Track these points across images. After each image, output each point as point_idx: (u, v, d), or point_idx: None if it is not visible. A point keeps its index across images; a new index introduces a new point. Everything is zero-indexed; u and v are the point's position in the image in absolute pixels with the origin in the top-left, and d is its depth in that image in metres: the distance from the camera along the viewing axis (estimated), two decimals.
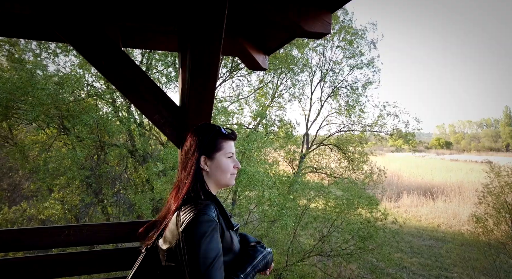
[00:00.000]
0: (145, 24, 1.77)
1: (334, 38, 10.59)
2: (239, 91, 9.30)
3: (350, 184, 9.35)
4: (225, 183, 1.25)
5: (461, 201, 18.78)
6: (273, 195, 6.93)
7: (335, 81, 10.98)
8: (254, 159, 7.35)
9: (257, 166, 7.33)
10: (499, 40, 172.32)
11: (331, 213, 8.19)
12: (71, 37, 1.47)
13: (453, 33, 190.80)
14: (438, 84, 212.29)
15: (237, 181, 6.68)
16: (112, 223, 1.91)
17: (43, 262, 1.71)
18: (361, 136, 11.45)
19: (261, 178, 6.49)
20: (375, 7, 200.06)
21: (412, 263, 10.65)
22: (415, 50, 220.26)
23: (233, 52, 2.22)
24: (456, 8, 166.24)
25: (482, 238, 7.99)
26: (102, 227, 1.85)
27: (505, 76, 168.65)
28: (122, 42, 1.77)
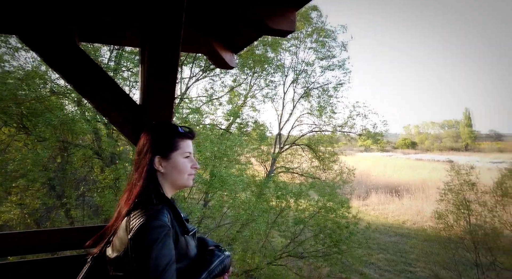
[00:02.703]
0: (104, 18, 1.67)
1: (307, 40, 10.76)
2: (212, 91, 9.20)
3: (323, 185, 9.52)
4: (182, 184, 1.18)
5: (424, 199, 19.72)
6: (247, 199, 6.92)
7: (307, 82, 11.17)
8: (227, 161, 7.28)
9: (230, 168, 7.27)
10: (492, 40, 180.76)
11: (304, 214, 8.29)
12: (20, 30, 1.36)
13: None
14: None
15: (209, 183, 6.59)
16: (65, 229, 1.77)
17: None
18: (331, 136, 11.72)
19: (233, 181, 6.44)
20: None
21: (379, 259, 11.04)
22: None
23: (200, 50, 2.16)
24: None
25: (443, 234, 8.42)
26: (53, 233, 1.70)
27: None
28: (79, 36, 1.67)
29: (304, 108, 11.45)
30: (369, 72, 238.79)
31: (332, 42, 10.69)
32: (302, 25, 10.39)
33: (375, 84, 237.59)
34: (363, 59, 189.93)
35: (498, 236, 7.66)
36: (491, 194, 8.14)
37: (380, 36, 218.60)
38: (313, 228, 8.40)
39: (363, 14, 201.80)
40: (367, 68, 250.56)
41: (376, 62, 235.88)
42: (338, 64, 10.71)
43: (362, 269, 9.84)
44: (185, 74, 8.41)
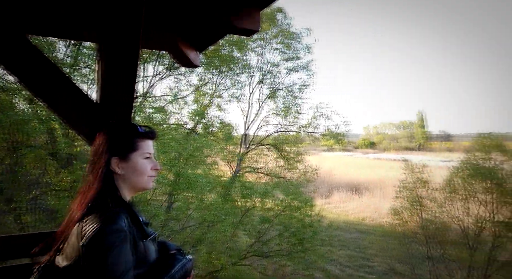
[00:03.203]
0: (57, 9, 1.56)
1: (272, 41, 10.89)
2: (177, 90, 9.01)
3: (288, 185, 9.68)
4: (142, 186, 1.13)
5: (382, 196, 20.74)
6: (214, 200, 6.85)
7: (273, 82, 11.30)
8: (192, 162, 7.16)
9: (196, 168, 7.15)
10: (449, 39, 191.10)
11: (269, 214, 8.37)
12: None
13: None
14: None
15: (174, 184, 6.45)
16: (12, 236, 1.63)
17: None
18: (296, 136, 11.96)
19: (201, 182, 6.35)
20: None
21: (340, 255, 11.44)
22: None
23: (163, 47, 2.10)
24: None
25: (398, 229, 8.93)
26: None
27: None
28: (29, 29, 1.55)
29: (270, 109, 11.58)
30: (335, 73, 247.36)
31: (297, 44, 10.91)
32: (268, 26, 10.49)
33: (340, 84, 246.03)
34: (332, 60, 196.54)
35: (447, 230, 8.25)
36: (441, 191, 8.71)
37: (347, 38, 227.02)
38: (278, 227, 8.52)
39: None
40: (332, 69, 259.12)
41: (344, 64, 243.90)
42: (303, 66, 10.96)
43: (325, 265, 10.14)
44: (149, 72, 8.15)
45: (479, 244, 7.46)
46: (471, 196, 7.99)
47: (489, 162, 7.94)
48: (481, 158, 8.09)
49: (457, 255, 7.50)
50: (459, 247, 7.68)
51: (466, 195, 8.06)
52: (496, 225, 7.27)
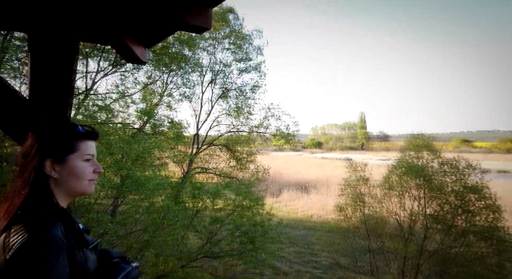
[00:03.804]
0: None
1: (224, 41, 10.86)
2: (123, 87, 8.53)
3: (239, 184, 9.71)
4: (81, 191, 1.04)
5: (328, 194, 21.78)
6: (164, 202, 6.61)
7: (225, 82, 11.26)
8: (140, 163, 6.83)
9: (144, 169, 6.84)
10: None
11: (220, 214, 8.32)
12: None
13: None
14: None
15: (120, 187, 6.10)
16: None
17: None
18: (248, 136, 12.06)
19: (152, 185, 6.08)
20: None
21: (289, 252, 11.79)
22: None
23: (107, 41, 1.98)
24: None
25: (343, 225, 9.44)
26: None
27: None
28: None
29: (222, 109, 11.54)
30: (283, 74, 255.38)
31: (248, 45, 11.01)
32: (219, 26, 10.44)
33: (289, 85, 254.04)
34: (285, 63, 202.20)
35: (386, 224, 8.92)
36: (380, 187, 9.37)
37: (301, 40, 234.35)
38: (229, 226, 8.52)
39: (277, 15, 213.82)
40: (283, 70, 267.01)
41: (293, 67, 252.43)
42: (254, 67, 11.09)
43: (274, 263, 10.37)
44: (91, 67, 7.60)
45: (412, 235, 8.18)
46: (405, 192, 8.72)
47: (420, 160, 8.72)
48: (414, 157, 8.87)
49: (394, 247, 8.15)
50: (395, 239, 8.35)
51: (402, 191, 8.77)
52: (427, 218, 8.03)
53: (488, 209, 7.48)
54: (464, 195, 7.65)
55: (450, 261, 7.45)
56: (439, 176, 8.22)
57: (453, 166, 8.18)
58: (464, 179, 7.88)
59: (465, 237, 7.43)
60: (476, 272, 7.20)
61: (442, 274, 7.52)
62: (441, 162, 8.37)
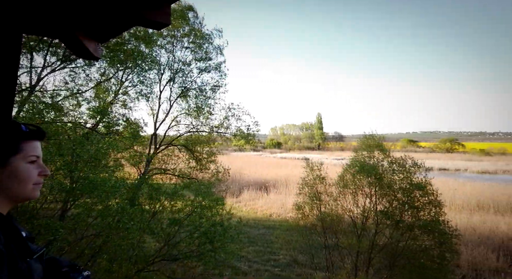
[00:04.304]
0: None
1: (184, 39, 10.65)
2: (73, 84, 8.01)
3: (199, 185, 9.58)
4: (25, 196, 0.96)
5: (287, 193, 22.29)
6: (120, 205, 6.32)
7: (184, 81, 11.04)
8: (93, 165, 6.47)
9: (98, 171, 6.49)
10: None
11: (179, 215, 8.16)
12: None
13: None
14: None
15: (72, 190, 5.74)
16: None
17: None
18: (208, 137, 11.95)
19: (107, 187, 5.78)
20: None
21: (249, 251, 11.89)
22: None
23: (55, 34, 1.85)
24: None
25: (301, 223, 9.71)
26: None
27: None
28: None
29: (182, 108, 11.31)
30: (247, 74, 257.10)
31: (208, 45, 10.91)
32: (179, 24, 10.22)
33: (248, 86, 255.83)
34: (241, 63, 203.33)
35: (340, 221, 9.34)
36: (336, 186, 9.78)
37: None
38: (188, 228, 8.39)
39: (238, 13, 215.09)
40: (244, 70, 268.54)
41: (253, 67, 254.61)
42: (215, 67, 11.02)
43: (234, 263, 10.39)
44: (37, 62, 7.03)
45: (365, 231, 8.65)
46: (359, 189, 9.19)
47: (372, 160, 9.26)
48: (366, 157, 9.38)
49: (348, 243, 8.55)
50: (349, 235, 8.78)
51: (355, 189, 9.24)
52: (378, 214, 8.54)
53: (431, 205, 8.14)
54: (411, 192, 8.24)
55: (398, 254, 7.99)
56: (388, 174, 8.77)
57: (401, 165, 8.77)
58: (410, 177, 8.50)
59: (411, 231, 8.01)
60: (421, 263, 7.81)
61: (391, 267, 8.05)
62: (390, 161, 8.93)
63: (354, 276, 8.20)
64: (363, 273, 8.16)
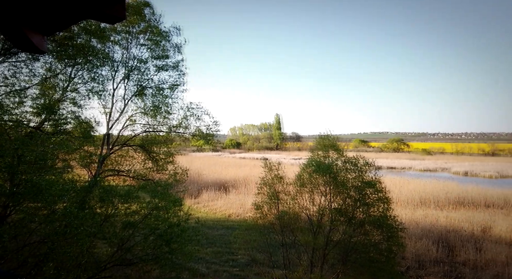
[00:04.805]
0: None
1: (140, 36, 10.25)
2: (14, 80, 7.35)
3: (156, 187, 9.28)
4: None
5: (246, 193, 22.44)
6: (67, 209, 5.91)
7: (141, 80, 10.62)
8: (39, 166, 5.99)
9: (44, 173, 6.02)
10: None
11: (134, 217, 7.86)
12: None
13: None
14: None
15: (14, 194, 5.26)
16: None
17: None
18: (166, 137, 11.60)
19: (51, 191, 5.37)
20: None
21: (207, 253, 11.79)
22: None
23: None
24: None
25: (260, 222, 9.81)
26: None
27: None
28: None
29: (138, 107, 10.86)
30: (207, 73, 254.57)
31: (165, 42, 10.61)
32: (134, 19, 9.83)
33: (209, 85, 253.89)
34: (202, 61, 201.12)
35: (298, 219, 9.59)
36: (293, 185, 10.01)
37: None
38: (144, 231, 8.11)
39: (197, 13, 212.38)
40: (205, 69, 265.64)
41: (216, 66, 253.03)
42: (173, 65, 10.74)
43: (192, 265, 10.24)
44: None
45: (320, 228, 8.98)
46: (315, 188, 9.52)
47: (327, 159, 9.63)
48: (322, 156, 9.74)
49: (304, 240, 8.81)
50: (306, 232, 9.05)
51: (312, 188, 9.55)
52: (332, 211, 8.91)
53: (380, 201, 8.68)
54: (362, 189, 8.72)
55: (350, 249, 8.41)
56: (342, 173, 9.19)
57: (354, 164, 9.23)
58: (362, 175, 8.99)
59: (363, 227, 8.48)
60: (371, 257, 8.30)
61: (344, 261, 8.45)
62: (344, 161, 9.37)
63: (310, 272, 8.49)
64: (318, 268, 8.47)
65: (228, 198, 21.30)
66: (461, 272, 10.36)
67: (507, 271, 10.15)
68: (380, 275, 8.25)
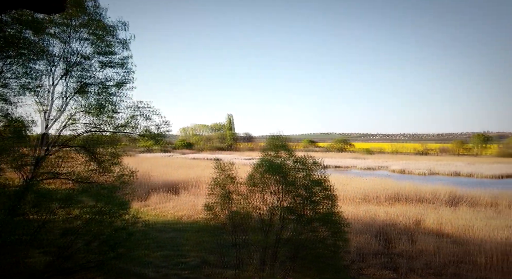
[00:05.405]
0: None
1: (82, 30, 9.58)
2: None
3: (100, 190, 8.75)
4: None
5: (198, 194, 22.13)
6: (4, 217, 5.34)
7: (83, 76, 9.92)
8: None
9: None
10: None
11: (75, 223, 7.36)
12: None
13: None
14: None
15: None
16: None
17: None
18: (112, 137, 10.96)
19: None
20: None
21: (156, 257, 11.42)
22: None
23: None
24: None
25: (211, 223, 9.78)
26: None
27: None
28: None
29: (80, 105, 10.10)
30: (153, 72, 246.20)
31: (111, 37, 10.03)
32: (75, 12, 9.18)
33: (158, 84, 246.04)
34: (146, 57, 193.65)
35: (250, 218, 9.73)
36: (246, 185, 10.13)
37: None
38: (87, 237, 7.63)
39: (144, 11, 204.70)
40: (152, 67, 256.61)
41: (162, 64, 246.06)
42: (120, 62, 10.21)
43: (140, 270, 9.86)
44: None
45: (271, 227, 9.21)
46: (267, 188, 9.72)
47: (278, 159, 9.90)
48: (273, 156, 9.99)
49: (256, 239, 8.97)
50: (257, 232, 9.21)
51: (264, 187, 9.75)
52: (283, 210, 9.18)
53: (327, 199, 9.15)
54: (311, 188, 9.12)
55: (300, 246, 8.75)
56: (292, 172, 9.51)
57: (303, 163, 9.61)
58: (311, 174, 9.39)
59: (311, 224, 8.87)
60: (319, 252, 8.72)
61: (294, 258, 8.77)
62: (294, 160, 9.71)
63: (261, 271, 8.66)
64: (269, 267, 8.67)
65: (179, 199, 20.82)
66: (397, 263, 11.31)
67: (436, 260, 11.33)
68: (327, 270, 8.71)
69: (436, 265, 10.97)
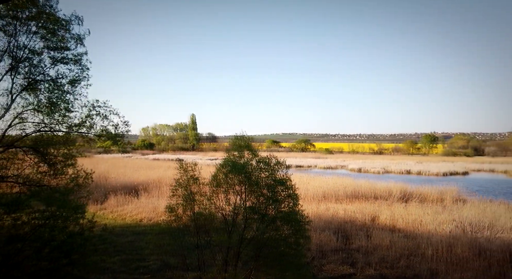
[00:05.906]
0: None
1: (31, 23, 8.93)
2: None
3: (52, 193, 8.21)
4: None
5: (160, 196, 21.55)
6: None
7: (33, 72, 9.25)
8: None
9: None
10: None
11: (24, 230, 6.85)
12: None
13: None
14: None
15: None
16: None
17: None
18: (66, 137, 10.32)
19: None
20: None
21: (114, 262, 10.96)
22: None
23: None
24: None
25: (174, 225, 9.56)
26: None
27: None
28: None
29: (29, 103, 9.40)
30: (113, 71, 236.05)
31: (65, 32, 9.45)
32: (23, 4, 8.54)
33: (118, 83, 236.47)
34: None
35: (213, 219, 9.66)
36: (209, 185, 10.04)
37: None
38: (36, 244, 7.14)
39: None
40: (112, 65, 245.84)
41: None
42: (74, 58, 9.65)
43: (96, 276, 9.41)
44: None
45: (235, 227, 9.21)
46: (230, 188, 9.71)
47: (242, 159, 9.93)
48: (237, 157, 10.00)
49: (219, 240, 8.93)
50: (221, 232, 9.18)
51: (227, 188, 9.72)
52: (246, 209, 9.23)
53: (290, 198, 9.34)
54: (274, 187, 9.25)
55: (263, 245, 8.84)
56: (256, 172, 9.60)
57: (267, 163, 9.73)
58: (274, 174, 9.53)
59: (274, 223, 9.00)
60: (282, 251, 8.87)
61: (257, 258, 8.85)
62: (258, 160, 9.80)
63: (224, 271, 8.64)
64: (232, 267, 8.68)
65: (139, 202, 20.11)
66: (355, 258, 11.86)
67: (390, 254, 12.04)
68: (289, 267, 8.90)
69: (390, 258, 11.66)
